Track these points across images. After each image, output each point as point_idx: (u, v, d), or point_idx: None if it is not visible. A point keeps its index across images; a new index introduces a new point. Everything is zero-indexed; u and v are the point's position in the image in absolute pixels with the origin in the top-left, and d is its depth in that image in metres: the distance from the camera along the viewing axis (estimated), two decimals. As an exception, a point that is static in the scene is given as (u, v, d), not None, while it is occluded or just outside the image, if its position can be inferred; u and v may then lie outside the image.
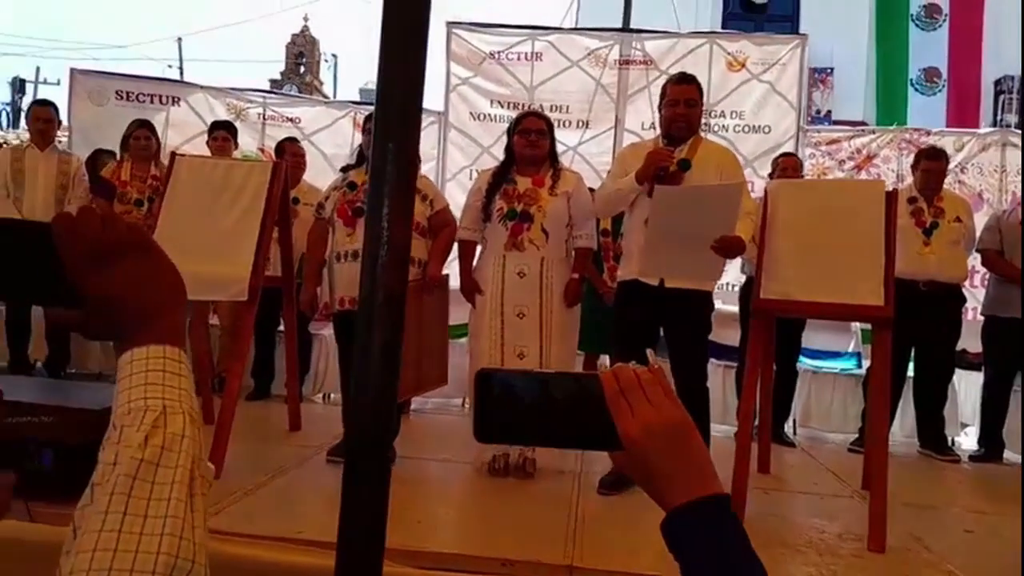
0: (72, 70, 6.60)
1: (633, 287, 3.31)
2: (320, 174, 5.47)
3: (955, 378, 4.78)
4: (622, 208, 3.48)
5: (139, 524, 0.56)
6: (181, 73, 20.52)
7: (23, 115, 16.80)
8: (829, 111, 10.02)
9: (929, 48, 9.83)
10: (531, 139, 3.54)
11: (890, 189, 3.35)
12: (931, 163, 4.53)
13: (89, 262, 0.63)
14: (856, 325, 5.31)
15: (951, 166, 5.18)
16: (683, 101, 3.33)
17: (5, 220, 0.64)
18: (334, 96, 19.74)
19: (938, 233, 4.39)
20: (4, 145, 5.74)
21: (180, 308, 0.67)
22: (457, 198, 5.04)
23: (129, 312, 0.64)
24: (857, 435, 4.66)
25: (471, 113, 6.62)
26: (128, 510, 0.56)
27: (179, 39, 28.74)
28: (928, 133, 6.31)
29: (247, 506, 2.83)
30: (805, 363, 5.13)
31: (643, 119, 6.36)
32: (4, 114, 19.17)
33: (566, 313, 3.51)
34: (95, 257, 0.63)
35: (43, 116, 5.11)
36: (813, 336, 5.11)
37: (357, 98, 13.85)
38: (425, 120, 6.29)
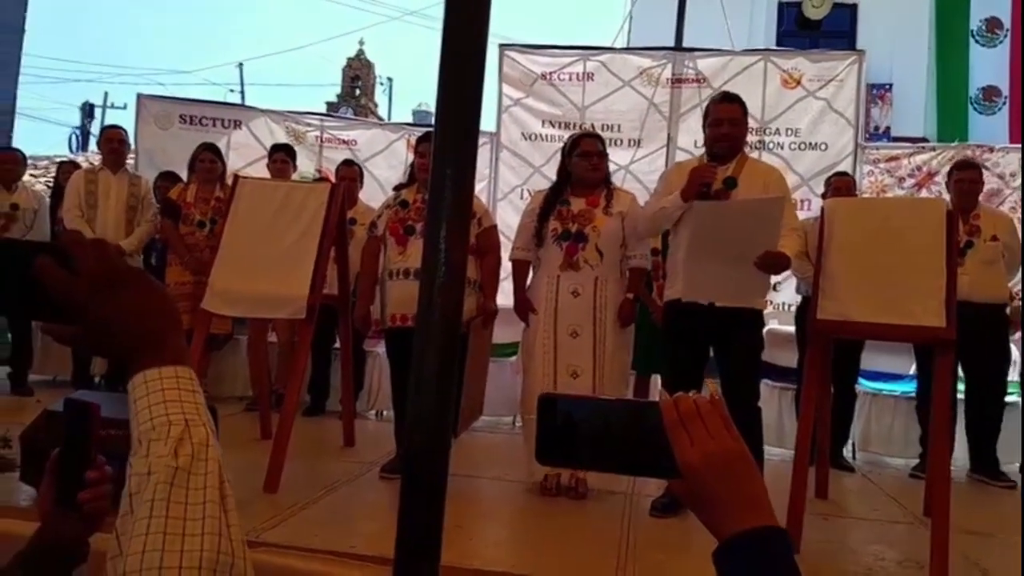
0: (139, 95, 6.87)
1: (681, 306, 3.28)
2: (375, 197, 5.57)
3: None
4: (667, 227, 3.44)
5: (180, 525, 0.62)
6: (242, 97, 21.15)
7: (92, 139, 17.51)
8: (888, 127, 9.83)
9: (989, 65, 9.61)
10: (593, 162, 3.55)
11: (951, 207, 3.27)
12: (963, 173, 4.41)
13: (92, 291, 0.69)
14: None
15: (1016, 183, 5.02)
16: (727, 120, 3.31)
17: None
18: (388, 118, 20.10)
19: (972, 252, 4.25)
20: (84, 165, 5.99)
21: (180, 332, 0.73)
22: (508, 218, 5.08)
23: (132, 337, 0.70)
24: (919, 460, 4.52)
25: (523, 133, 6.67)
26: (169, 514, 0.62)
27: (240, 64, 29.64)
28: (991, 149, 6.14)
29: (302, 520, 2.87)
30: (865, 386, 5.01)
31: (695, 137, 6.31)
32: (74, 137, 19.96)
33: (620, 333, 3.50)
34: (97, 286, 0.69)
35: (117, 137, 5.36)
36: (873, 358, 4.99)
37: (410, 119, 14.07)
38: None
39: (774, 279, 3.93)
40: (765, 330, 3.50)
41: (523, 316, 3.60)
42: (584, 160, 3.56)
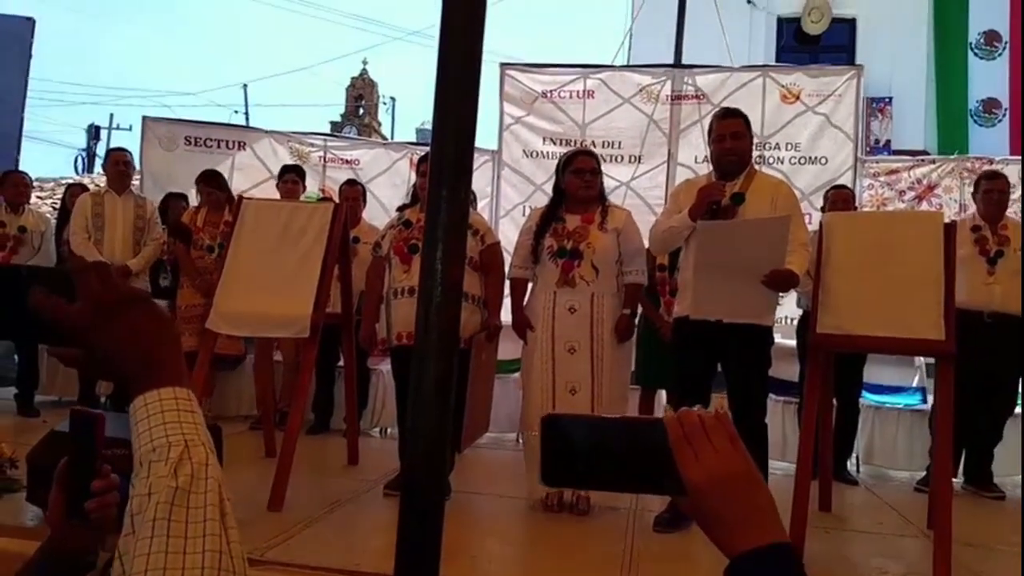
0: (144, 117, 6.91)
1: (690, 323, 3.29)
2: (378, 216, 5.63)
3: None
4: (677, 245, 3.49)
5: (181, 544, 0.63)
6: (247, 118, 21.28)
7: (98, 160, 17.62)
8: (888, 140, 9.86)
9: (988, 77, 9.65)
10: (586, 179, 3.58)
11: (949, 220, 3.29)
12: (992, 183, 4.43)
13: (94, 314, 0.71)
14: (920, 359, 5.18)
15: (1015, 196, 5.03)
16: (729, 135, 3.35)
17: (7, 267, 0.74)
18: (391, 137, 20.20)
19: (1003, 262, 4.27)
20: (92, 188, 6.06)
21: (179, 354, 0.75)
22: (510, 235, 5.11)
23: (132, 359, 0.72)
24: (925, 473, 4.51)
25: (524, 151, 6.72)
26: (170, 533, 0.63)
27: (244, 85, 29.88)
28: (991, 161, 6.16)
29: (307, 538, 2.89)
30: (868, 399, 5.00)
31: (696, 153, 6.36)
32: (79, 159, 20.11)
33: (617, 348, 3.52)
34: (99, 310, 0.72)
35: (122, 159, 5.44)
36: (876, 371, 4.99)
37: (414, 138, 14.14)
38: (479, 159, 6.41)
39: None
40: (767, 344, 3.51)
41: (521, 333, 3.62)
42: (577, 177, 3.59)
